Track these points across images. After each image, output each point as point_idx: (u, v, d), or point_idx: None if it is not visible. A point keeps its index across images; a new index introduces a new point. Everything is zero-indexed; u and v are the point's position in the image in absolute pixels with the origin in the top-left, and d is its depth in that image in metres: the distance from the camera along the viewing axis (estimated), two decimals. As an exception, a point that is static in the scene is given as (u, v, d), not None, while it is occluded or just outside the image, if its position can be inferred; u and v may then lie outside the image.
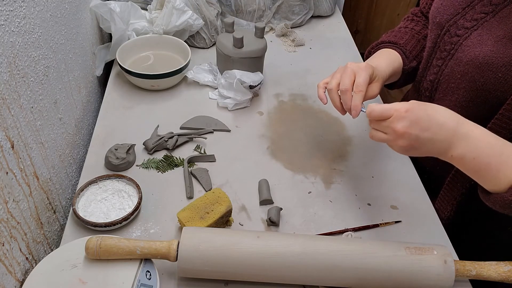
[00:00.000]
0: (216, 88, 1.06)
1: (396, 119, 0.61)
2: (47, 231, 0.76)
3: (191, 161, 0.88)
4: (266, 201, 0.81)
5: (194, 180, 0.85)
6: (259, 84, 1.03)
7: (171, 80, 1.04)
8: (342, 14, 1.46)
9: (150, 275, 0.64)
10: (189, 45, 1.11)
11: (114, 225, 0.73)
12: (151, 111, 1.00)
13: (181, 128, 0.96)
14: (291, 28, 1.30)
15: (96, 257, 0.63)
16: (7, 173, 0.61)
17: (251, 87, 1.01)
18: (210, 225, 0.72)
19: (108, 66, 1.13)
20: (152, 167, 0.86)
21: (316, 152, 0.93)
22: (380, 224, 0.79)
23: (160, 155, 0.89)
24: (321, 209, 0.82)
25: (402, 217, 0.81)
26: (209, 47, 1.22)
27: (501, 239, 0.79)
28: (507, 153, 0.61)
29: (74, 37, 0.92)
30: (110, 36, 1.09)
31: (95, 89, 1.08)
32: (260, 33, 1.04)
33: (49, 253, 0.67)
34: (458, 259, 0.68)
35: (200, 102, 1.04)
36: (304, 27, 1.35)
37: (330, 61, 1.21)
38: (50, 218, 0.77)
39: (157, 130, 0.94)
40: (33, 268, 0.65)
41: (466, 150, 0.61)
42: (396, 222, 0.80)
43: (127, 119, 0.97)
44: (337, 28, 1.37)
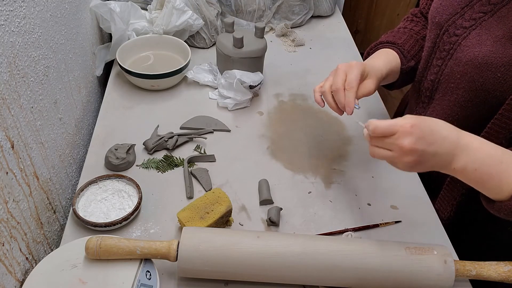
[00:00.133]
0: (216, 88, 1.06)
1: (403, 135, 0.59)
2: (47, 231, 0.76)
3: (191, 161, 0.88)
4: (266, 201, 0.81)
5: (194, 180, 0.85)
6: (259, 84, 1.03)
7: (171, 80, 1.04)
8: (342, 14, 1.46)
9: (150, 275, 0.64)
10: (189, 45, 1.11)
11: (114, 225, 0.73)
12: (151, 111, 1.00)
13: (181, 128, 0.96)
14: (291, 28, 1.30)
15: (96, 257, 0.63)
16: (7, 173, 0.61)
17: (251, 87, 1.01)
18: (210, 225, 0.72)
19: (108, 66, 1.13)
20: (152, 167, 0.86)
21: (316, 152, 0.93)
22: (380, 224, 0.79)
23: (160, 155, 0.89)
24: (321, 209, 0.82)
25: (402, 217, 0.81)
26: (209, 47, 1.22)
27: (501, 239, 0.79)
28: (507, 161, 0.61)
29: (74, 37, 0.92)
30: (110, 36, 1.09)
31: (95, 89, 1.08)
32: (260, 33, 1.04)
33: (49, 253, 0.67)
34: (458, 259, 0.68)
35: (200, 102, 1.04)
36: (304, 27, 1.35)
37: (330, 61, 1.21)
38: (50, 218, 0.77)
39: (157, 130, 0.94)
40: (33, 268, 0.65)
41: (468, 162, 0.61)
42: (396, 222, 0.80)
43: (127, 119, 0.97)
44: (337, 28, 1.37)
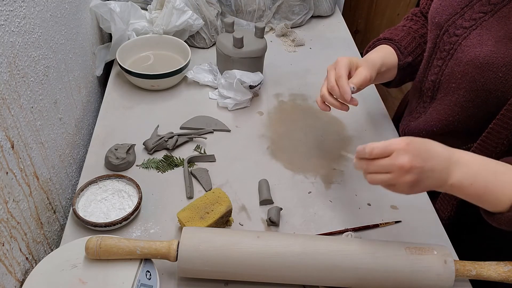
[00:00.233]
0: (216, 88, 1.06)
1: (400, 154, 0.59)
2: (47, 231, 0.76)
3: (191, 161, 0.88)
4: (266, 201, 0.81)
5: (194, 180, 0.85)
6: (259, 84, 1.03)
7: (171, 80, 1.04)
8: (342, 14, 1.46)
9: (150, 275, 0.64)
10: (189, 45, 1.11)
11: (114, 225, 0.73)
12: (151, 111, 1.00)
13: (181, 128, 0.96)
14: (291, 28, 1.30)
15: (96, 257, 0.63)
16: (7, 173, 0.61)
17: (251, 87, 1.01)
18: (210, 225, 0.72)
19: (108, 66, 1.13)
20: (152, 167, 0.86)
21: (316, 152, 0.93)
22: (380, 224, 0.79)
23: (160, 155, 0.89)
24: (321, 209, 0.82)
25: (402, 217, 0.81)
26: (209, 47, 1.22)
27: (501, 240, 0.78)
28: (500, 171, 0.61)
29: (74, 37, 0.92)
30: (110, 36, 1.09)
31: (95, 89, 1.08)
32: (260, 33, 1.04)
33: (49, 253, 0.67)
34: (458, 259, 0.68)
35: (200, 102, 1.04)
36: (304, 27, 1.35)
37: (330, 61, 1.19)
38: (50, 218, 0.77)
39: (157, 130, 0.94)
40: (33, 268, 0.65)
41: (462, 177, 0.61)
42: (396, 222, 0.80)
43: (127, 119, 0.97)
44: (337, 28, 1.37)
